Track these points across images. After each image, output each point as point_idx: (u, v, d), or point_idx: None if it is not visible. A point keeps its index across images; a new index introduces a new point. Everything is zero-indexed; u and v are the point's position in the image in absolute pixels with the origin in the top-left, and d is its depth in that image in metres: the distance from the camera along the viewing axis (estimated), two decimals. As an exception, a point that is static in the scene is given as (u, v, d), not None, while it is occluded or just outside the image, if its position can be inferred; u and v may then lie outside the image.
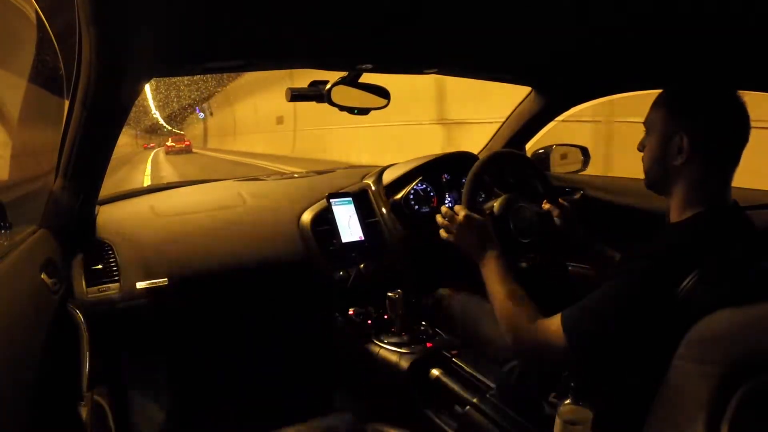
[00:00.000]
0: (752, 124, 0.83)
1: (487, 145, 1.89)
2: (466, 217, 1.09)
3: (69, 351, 0.96)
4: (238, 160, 16.89)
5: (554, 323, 0.85)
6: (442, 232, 1.14)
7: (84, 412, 0.84)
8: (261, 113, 20.43)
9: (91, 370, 0.96)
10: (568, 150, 1.84)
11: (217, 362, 1.43)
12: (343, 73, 1.21)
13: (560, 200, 1.28)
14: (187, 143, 30.59)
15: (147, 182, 11.41)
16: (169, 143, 30.28)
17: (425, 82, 7.80)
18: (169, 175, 13.60)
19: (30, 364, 0.72)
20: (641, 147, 0.93)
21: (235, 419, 1.43)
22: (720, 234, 0.80)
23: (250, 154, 19.05)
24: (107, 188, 1.27)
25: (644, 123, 0.92)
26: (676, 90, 0.88)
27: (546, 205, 1.28)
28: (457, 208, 1.13)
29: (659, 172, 0.89)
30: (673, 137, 0.84)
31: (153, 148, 39.90)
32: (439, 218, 1.15)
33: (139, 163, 18.69)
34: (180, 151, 27.52)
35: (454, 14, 0.81)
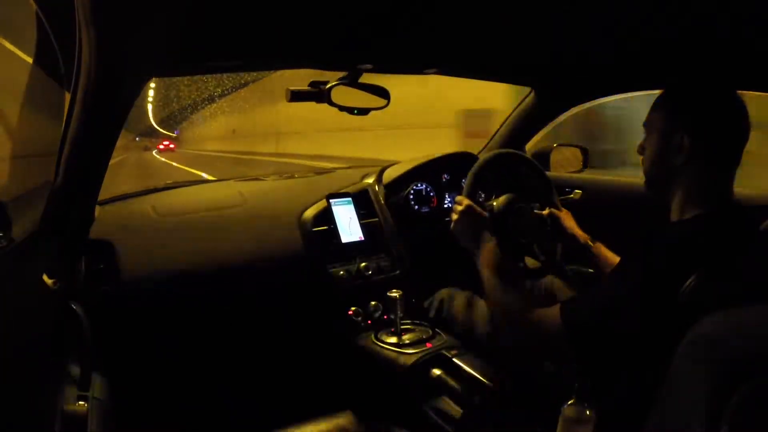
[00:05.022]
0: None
1: (487, 145, 1.88)
2: (467, 206, 1.14)
3: (69, 351, 0.96)
4: (204, 154, 30.07)
5: (553, 313, 0.85)
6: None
7: (84, 410, 0.84)
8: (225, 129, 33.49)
9: (92, 369, 0.96)
10: (569, 150, 1.83)
11: (217, 361, 1.43)
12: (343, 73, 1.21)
13: (561, 207, 1.30)
14: (173, 146, 47.77)
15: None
16: (162, 146, 47.63)
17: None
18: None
19: (30, 364, 0.72)
20: (641, 150, 0.93)
21: (235, 418, 1.43)
22: (722, 235, 0.80)
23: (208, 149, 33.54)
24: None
25: (644, 124, 0.92)
26: (676, 90, 0.88)
27: (546, 211, 1.29)
28: (458, 198, 1.17)
29: (660, 173, 0.89)
30: (674, 137, 0.84)
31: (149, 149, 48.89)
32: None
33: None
34: (171, 150, 42.09)
35: (454, 14, 0.81)
